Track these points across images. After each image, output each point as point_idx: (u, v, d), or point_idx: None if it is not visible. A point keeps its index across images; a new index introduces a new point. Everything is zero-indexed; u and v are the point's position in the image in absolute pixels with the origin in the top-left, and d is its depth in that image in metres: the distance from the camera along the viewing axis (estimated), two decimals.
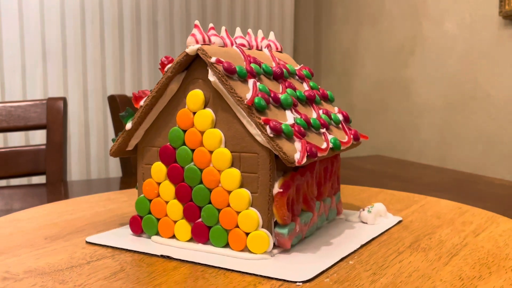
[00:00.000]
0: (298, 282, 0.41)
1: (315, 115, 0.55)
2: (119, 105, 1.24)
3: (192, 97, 0.50)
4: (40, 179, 1.59)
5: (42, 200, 0.96)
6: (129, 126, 0.54)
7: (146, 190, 0.54)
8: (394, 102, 1.90)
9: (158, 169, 0.53)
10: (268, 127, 0.46)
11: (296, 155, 0.46)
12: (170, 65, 0.51)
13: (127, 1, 1.90)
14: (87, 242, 0.53)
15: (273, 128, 0.46)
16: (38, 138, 1.75)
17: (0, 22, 1.70)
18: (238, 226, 0.48)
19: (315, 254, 0.48)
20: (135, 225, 0.55)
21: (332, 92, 0.63)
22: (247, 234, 0.48)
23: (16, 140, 1.74)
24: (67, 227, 0.59)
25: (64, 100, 1.14)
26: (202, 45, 0.50)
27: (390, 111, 1.92)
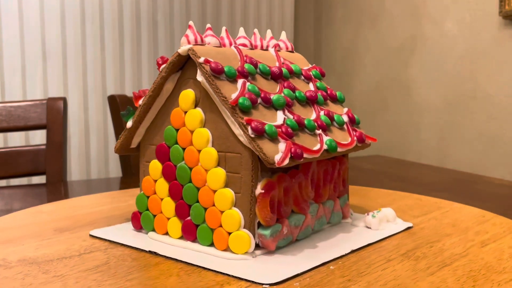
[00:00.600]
0: (265, 284, 0.41)
1: (314, 116, 0.54)
2: (119, 105, 1.24)
3: (183, 96, 0.51)
4: (40, 179, 1.59)
5: (42, 200, 0.96)
6: (129, 124, 0.55)
7: (144, 187, 0.55)
8: (394, 102, 1.90)
9: (155, 166, 0.54)
10: (249, 128, 0.46)
11: (276, 156, 0.45)
12: (164, 65, 0.52)
13: (127, 1, 1.90)
14: (90, 235, 0.55)
15: (254, 128, 0.46)
16: (38, 138, 1.75)
17: (0, 22, 1.70)
18: (221, 226, 0.48)
19: (296, 257, 0.48)
20: (136, 220, 0.56)
21: None
22: (230, 234, 0.48)
23: (16, 140, 1.74)
24: (81, 220, 0.61)
25: (64, 100, 1.14)
26: (194, 45, 0.50)
27: (390, 111, 1.92)
